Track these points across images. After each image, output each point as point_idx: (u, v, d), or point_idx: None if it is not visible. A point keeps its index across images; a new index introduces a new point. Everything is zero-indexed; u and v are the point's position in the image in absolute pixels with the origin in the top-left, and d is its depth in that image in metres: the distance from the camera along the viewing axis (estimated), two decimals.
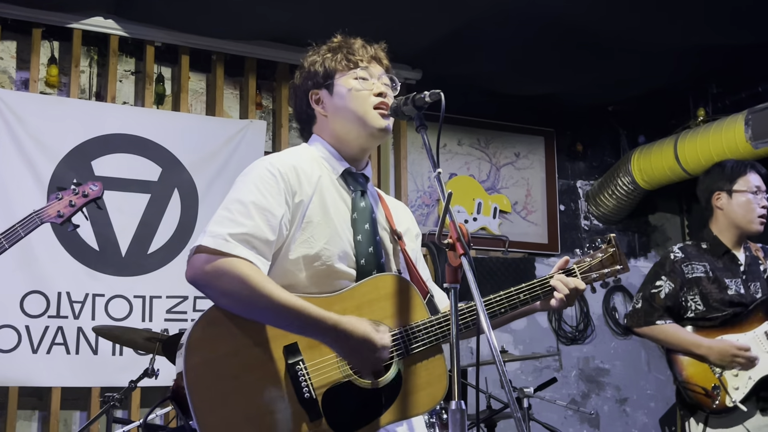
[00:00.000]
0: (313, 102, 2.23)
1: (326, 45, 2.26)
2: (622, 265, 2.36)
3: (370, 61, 2.21)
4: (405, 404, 2.01)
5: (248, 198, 2.01)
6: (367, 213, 2.16)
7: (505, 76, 5.67)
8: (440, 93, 1.95)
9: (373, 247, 2.12)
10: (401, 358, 2.03)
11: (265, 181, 2.05)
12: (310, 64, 2.24)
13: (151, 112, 4.96)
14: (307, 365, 1.98)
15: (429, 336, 2.06)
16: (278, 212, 2.01)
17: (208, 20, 4.89)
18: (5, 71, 4.74)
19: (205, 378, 1.92)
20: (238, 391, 1.93)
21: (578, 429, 6.01)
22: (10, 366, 4.31)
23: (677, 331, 3.63)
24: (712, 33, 5.08)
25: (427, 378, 2.05)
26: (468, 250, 1.79)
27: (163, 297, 4.72)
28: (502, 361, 1.65)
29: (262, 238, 1.98)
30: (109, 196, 4.69)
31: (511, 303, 2.18)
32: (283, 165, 2.09)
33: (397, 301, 2.06)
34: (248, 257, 1.95)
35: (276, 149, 5.29)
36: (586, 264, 2.34)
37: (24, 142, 4.51)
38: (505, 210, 6.11)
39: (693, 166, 5.72)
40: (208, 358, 1.94)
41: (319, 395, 1.97)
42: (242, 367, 1.95)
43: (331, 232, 2.08)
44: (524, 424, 3.85)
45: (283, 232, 2.04)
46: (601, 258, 2.36)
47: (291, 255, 2.05)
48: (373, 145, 2.24)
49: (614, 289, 6.37)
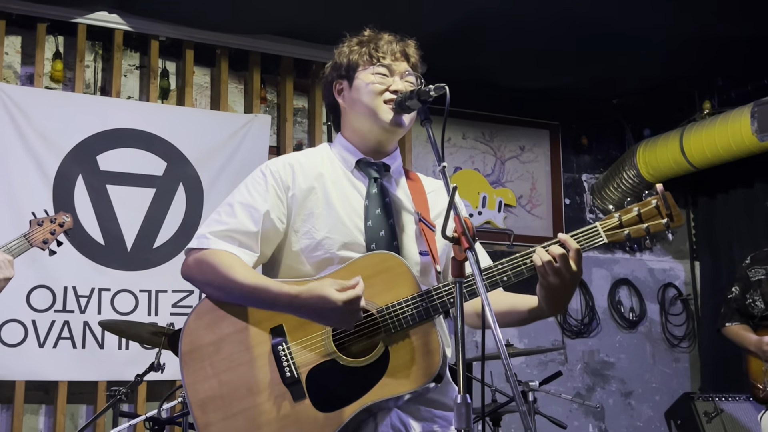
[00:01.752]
0: (336, 92, 2.27)
1: (357, 37, 2.27)
2: (668, 219, 1.95)
3: (395, 57, 2.20)
4: (393, 380, 1.97)
5: (236, 199, 2.16)
6: (378, 199, 2.16)
7: (509, 69, 5.66)
8: (445, 87, 1.95)
9: (385, 231, 2.11)
10: (389, 335, 1.99)
11: (255, 181, 2.17)
12: (338, 55, 2.27)
13: (156, 107, 4.97)
14: (290, 345, 2.02)
15: (413, 312, 1.99)
16: (262, 207, 2.11)
17: (213, 14, 4.88)
18: (10, 66, 4.74)
19: (195, 363, 2.06)
20: (226, 374, 2.04)
21: (583, 422, 6.02)
22: (17, 360, 4.33)
23: (738, 330, 4.10)
24: (718, 25, 5.06)
25: (418, 354, 1.98)
26: (473, 244, 1.77)
27: (168, 291, 4.73)
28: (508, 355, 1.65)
29: (243, 231, 2.10)
30: (115, 190, 4.72)
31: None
32: (277, 164, 2.19)
33: (387, 278, 2.03)
34: (227, 249, 2.08)
35: (280, 143, 5.29)
36: (614, 220, 1.99)
37: (29, 137, 4.52)
38: (509, 204, 6.11)
39: (699, 159, 5.71)
40: (198, 345, 2.07)
41: (302, 374, 2.00)
42: (230, 352, 2.05)
43: (335, 221, 2.11)
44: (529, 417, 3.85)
45: (276, 225, 2.12)
46: (638, 212, 1.98)
47: (294, 247, 2.13)
48: (388, 138, 2.23)
49: (619, 282, 6.37)
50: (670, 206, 1.96)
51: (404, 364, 1.98)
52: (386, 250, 2.08)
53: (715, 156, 5.61)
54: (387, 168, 2.25)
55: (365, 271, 2.02)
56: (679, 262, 6.66)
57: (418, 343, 1.99)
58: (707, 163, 5.74)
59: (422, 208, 2.23)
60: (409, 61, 2.23)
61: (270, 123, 5.20)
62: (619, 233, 1.98)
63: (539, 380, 4.12)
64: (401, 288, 2.02)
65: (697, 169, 5.82)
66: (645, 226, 1.97)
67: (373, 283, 2.02)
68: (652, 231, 1.97)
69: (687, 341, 6.52)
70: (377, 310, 2.01)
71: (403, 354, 1.99)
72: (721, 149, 5.51)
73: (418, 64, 2.26)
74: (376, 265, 2.04)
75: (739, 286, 4.16)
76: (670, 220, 1.96)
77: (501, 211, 6.04)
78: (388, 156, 2.26)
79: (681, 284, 6.61)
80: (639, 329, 6.39)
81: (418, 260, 2.15)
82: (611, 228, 1.99)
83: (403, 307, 2.00)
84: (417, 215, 2.20)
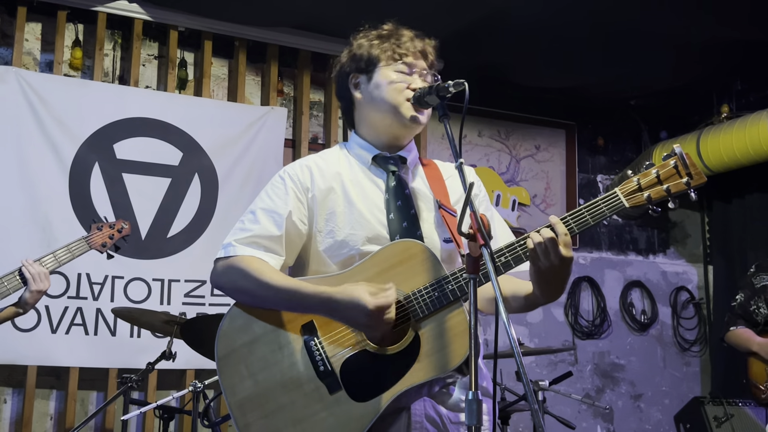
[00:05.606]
0: (351, 85, 2.26)
1: (377, 30, 2.26)
2: (690, 178, 1.91)
3: (416, 55, 2.21)
4: (425, 365, 1.97)
5: (258, 206, 2.19)
6: (398, 191, 2.16)
7: (527, 67, 5.64)
8: (464, 83, 1.95)
9: (408, 221, 2.12)
10: (417, 320, 1.99)
11: (274, 186, 2.20)
12: (357, 47, 2.26)
13: (174, 97, 4.98)
14: (321, 339, 2.04)
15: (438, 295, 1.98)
16: (283, 210, 2.14)
17: (232, 6, 4.90)
18: (30, 53, 4.77)
19: (231, 366, 2.09)
20: (261, 373, 2.06)
21: (592, 423, 6.00)
22: (30, 345, 4.36)
23: (742, 333, 4.16)
24: (737, 29, 5.03)
25: (448, 337, 1.98)
26: (488, 240, 1.77)
27: (181, 281, 4.75)
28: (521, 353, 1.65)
29: (267, 235, 2.13)
30: (130, 179, 4.74)
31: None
32: (294, 167, 2.22)
33: (411, 265, 2.03)
34: (253, 254, 2.11)
35: (296, 137, 5.30)
36: (633, 184, 1.96)
37: (47, 124, 4.54)
38: (524, 203, 6.09)
39: (715, 163, 5.67)
40: (233, 348, 2.10)
41: (336, 367, 2.01)
42: (264, 352, 2.08)
43: (357, 217, 2.12)
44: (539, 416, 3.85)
45: (299, 227, 2.15)
46: (657, 173, 1.94)
47: (320, 247, 2.15)
48: (406, 134, 2.24)
49: (632, 284, 6.35)
50: (689, 165, 1.93)
51: (435, 348, 1.98)
52: (407, 239, 2.07)
53: (732, 160, 5.57)
54: (404, 160, 2.24)
55: (389, 261, 2.04)
56: (693, 265, 6.63)
57: (446, 326, 1.99)
58: (724, 167, 5.71)
59: (442, 195, 2.23)
60: (427, 60, 2.23)
61: (286, 116, 5.21)
62: (639, 196, 1.95)
63: (549, 380, 4.11)
64: (426, 274, 2.02)
65: (714, 172, 5.78)
66: (665, 187, 1.94)
67: (398, 271, 2.03)
68: (673, 191, 1.94)
69: (698, 345, 6.49)
70: (404, 297, 2.01)
71: (433, 339, 1.99)
72: (738, 153, 5.47)
73: (435, 63, 2.26)
74: (400, 253, 2.05)
75: (744, 294, 4.22)
76: (690, 179, 1.92)
77: (515, 209, 6.03)
78: (404, 149, 2.26)
79: (694, 288, 6.58)
80: (650, 332, 6.37)
81: (441, 248, 2.14)
82: (631, 192, 1.96)
83: (429, 291, 2.00)
84: (437, 203, 2.20)
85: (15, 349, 4.33)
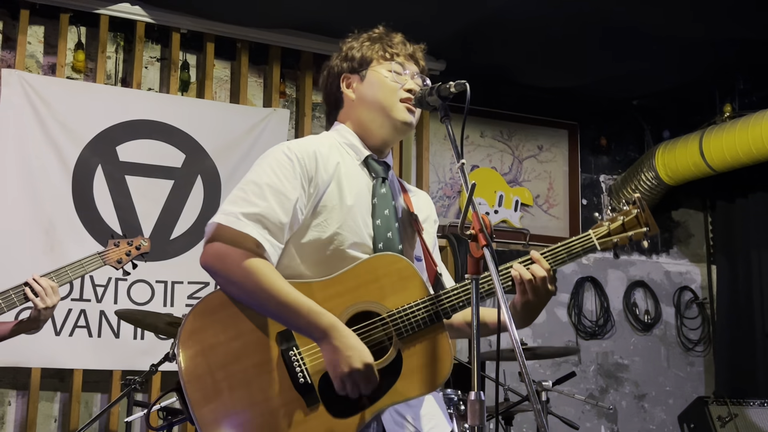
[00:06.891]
0: (343, 85, 2.23)
1: (367, 33, 2.26)
2: (648, 227, 2.11)
3: (407, 58, 2.21)
4: (406, 385, 1.96)
5: (263, 180, 2.02)
6: (387, 199, 2.14)
7: (529, 67, 5.64)
8: (466, 83, 1.95)
9: (392, 232, 2.10)
10: (400, 338, 1.97)
11: (281, 164, 2.04)
12: (348, 49, 2.25)
13: (176, 99, 4.99)
14: (301, 350, 1.96)
15: (423, 315, 1.98)
16: (292, 196, 2.01)
17: (234, 8, 4.90)
18: (33, 56, 4.78)
19: (198, 370, 1.93)
20: (231, 381, 1.92)
21: (596, 424, 6.00)
22: (33, 347, 4.36)
23: None
24: (739, 27, 5.02)
25: (430, 357, 1.97)
26: (490, 241, 1.77)
27: (184, 282, 4.75)
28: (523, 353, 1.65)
29: (275, 220, 1.98)
30: (133, 181, 4.74)
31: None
32: (301, 150, 2.08)
33: (395, 280, 2.01)
34: (258, 238, 1.95)
35: (298, 138, 5.30)
36: (603, 229, 2.12)
37: (50, 127, 4.55)
38: (526, 203, 6.09)
39: (718, 162, 5.66)
40: (199, 350, 1.94)
41: (315, 380, 1.94)
42: (235, 357, 1.94)
43: (346, 216, 2.07)
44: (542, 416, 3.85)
45: (298, 216, 2.03)
46: (623, 221, 2.11)
47: (303, 239, 2.06)
48: (395, 138, 2.23)
49: (635, 284, 6.34)
50: (647, 216, 2.12)
51: (417, 368, 1.98)
52: (391, 253, 2.06)
53: (735, 159, 5.57)
54: (388, 167, 2.23)
55: (374, 272, 2.02)
56: (696, 265, 6.62)
57: (429, 347, 1.99)
58: (726, 167, 5.70)
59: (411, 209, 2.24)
60: (418, 65, 2.24)
61: (288, 117, 5.22)
62: (609, 241, 2.12)
63: (552, 380, 4.11)
64: (410, 291, 2.02)
65: (716, 172, 5.77)
66: (629, 235, 2.12)
67: (382, 285, 2.01)
68: (634, 239, 2.12)
69: (702, 345, 6.48)
70: (388, 314, 1.99)
71: (415, 358, 1.98)
72: (741, 152, 5.46)
73: (426, 68, 2.26)
74: (385, 266, 2.03)
75: None
76: (647, 228, 2.12)
77: (517, 210, 6.03)
78: (386, 156, 2.25)
79: (697, 288, 6.57)
80: (654, 332, 6.36)
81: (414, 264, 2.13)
82: (602, 236, 2.12)
83: (414, 311, 1.99)
84: (415, 218, 2.21)
85: (19, 351, 4.32)
